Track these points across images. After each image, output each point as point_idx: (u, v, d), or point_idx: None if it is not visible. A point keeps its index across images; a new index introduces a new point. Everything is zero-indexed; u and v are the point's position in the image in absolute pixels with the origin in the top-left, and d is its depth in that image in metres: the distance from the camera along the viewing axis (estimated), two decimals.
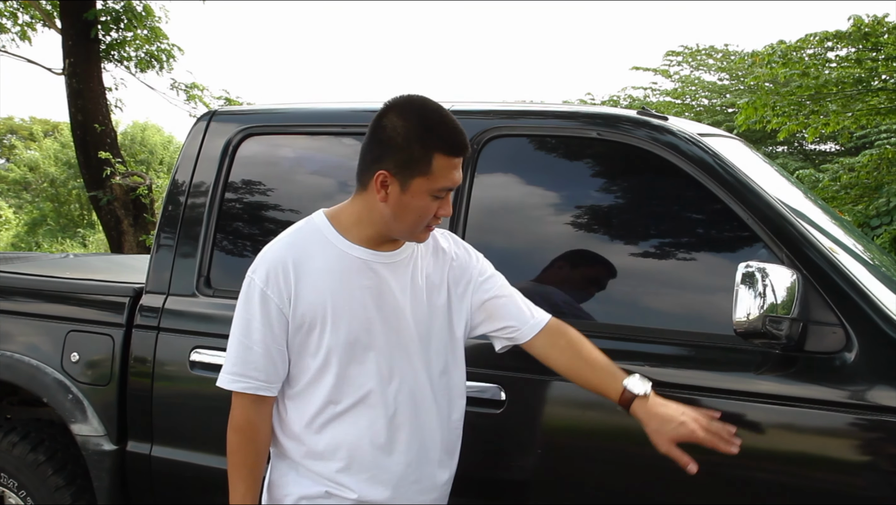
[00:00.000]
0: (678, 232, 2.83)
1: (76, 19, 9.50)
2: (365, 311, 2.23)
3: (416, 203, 2.19)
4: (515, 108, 3.22)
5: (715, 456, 2.53)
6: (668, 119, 2.89)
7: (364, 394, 2.24)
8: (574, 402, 2.71)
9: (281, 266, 2.18)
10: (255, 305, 2.19)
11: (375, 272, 2.26)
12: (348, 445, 2.24)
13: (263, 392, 2.21)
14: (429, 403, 2.34)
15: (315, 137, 3.35)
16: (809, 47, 12.25)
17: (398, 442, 2.28)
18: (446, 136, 2.18)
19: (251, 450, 2.23)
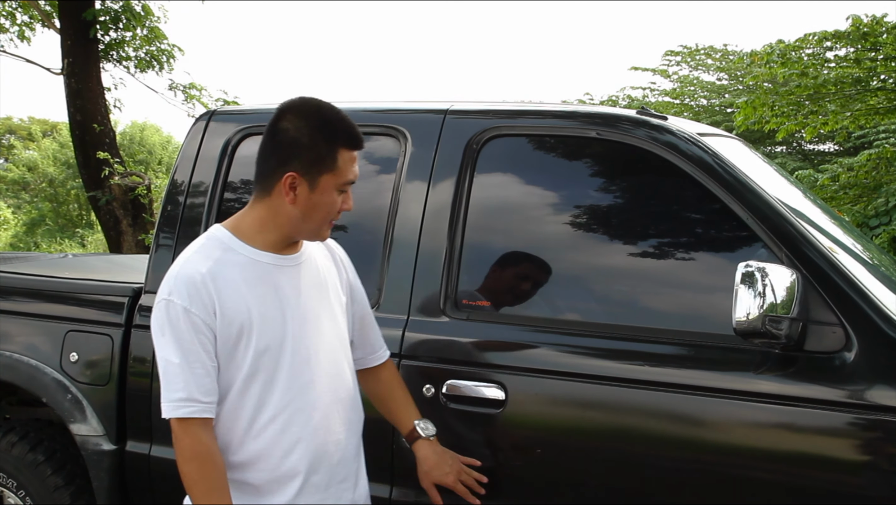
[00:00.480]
0: (677, 232, 2.83)
1: (75, 19, 9.49)
2: (283, 314, 2.25)
3: (325, 200, 2.23)
4: (514, 108, 3.22)
5: (715, 456, 2.54)
6: (667, 119, 2.89)
7: (291, 398, 2.24)
8: (574, 401, 2.71)
9: (200, 282, 2.15)
10: (183, 327, 2.14)
11: (285, 276, 2.29)
12: (278, 452, 2.23)
13: (209, 414, 2.16)
14: (343, 402, 2.37)
15: None
16: (808, 47, 12.25)
17: (319, 449, 2.29)
18: (347, 131, 2.24)
19: (215, 474, 2.16)
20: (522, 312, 2.90)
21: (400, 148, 3.09)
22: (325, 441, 2.30)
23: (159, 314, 2.18)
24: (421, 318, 2.90)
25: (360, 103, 3.37)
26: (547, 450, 2.72)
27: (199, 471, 2.14)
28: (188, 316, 2.14)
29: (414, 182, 3.02)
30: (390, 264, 2.98)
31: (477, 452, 2.80)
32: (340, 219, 3.16)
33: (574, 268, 2.90)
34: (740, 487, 2.52)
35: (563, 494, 2.71)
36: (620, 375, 2.66)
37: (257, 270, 2.24)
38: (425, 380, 2.83)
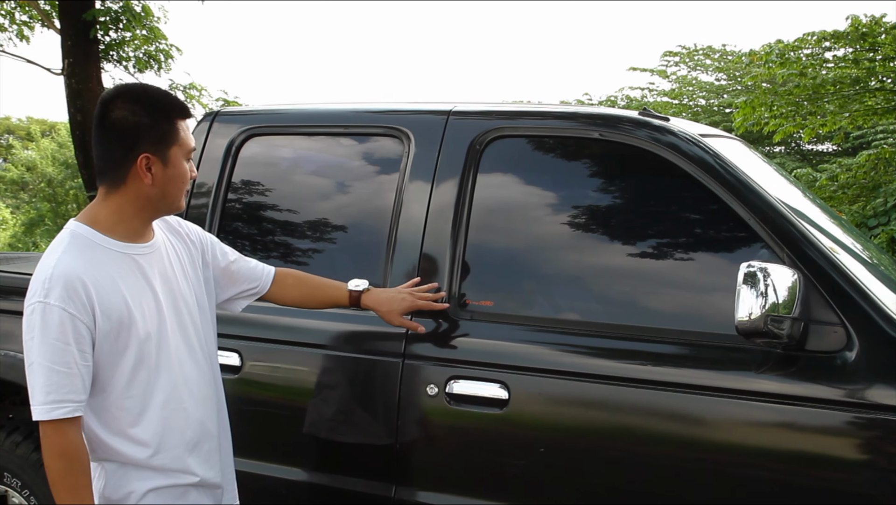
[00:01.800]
0: (679, 232, 2.85)
1: (75, 19, 9.48)
2: (156, 302, 2.32)
3: (179, 171, 2.31)
4: (517, 109, 3.24)
5: (717, 455, 2.56)
6: (669, 120, 2.91)
7: (175, 379, 2.34)
8: (576, 401, 2.73)
9: (78, 281, 2.16)
10: (57, 327, 2.14)
11: (149, 264, 2.35)
12: (177, 431, 2.34)
13: (79, 413, 2.18)
14: (208, 377, 2.47)
15: (317, 138, 3.37)
16: (807, 47, 12.27)
17: (206, 422, 2.42)
18: (176, 103, 2.33)
19: (80, 469, 2.18)
20: (525, 312, 2.91)
21: (403, 149, 3.10)
22: (203, 416, 2.42)
23: (32, 316, 2.17)
24: (424, 318, 2.91)
25: (363, 104, 3.39)
26: (550, 449, 2.73)
27: (67, 468, 2.17)
28: (65, 317, 2.14)
29: (417, 182, 3.04)
30: (394, 264, 3.00)
31: (480, 452, 2.82)
32: (344, 218, 3.21)
33: (577, 268, 2.91)
34: (743, 486, 2.54)
35: (567, 493, 2.72)
36: (623, 375, 2.67)
37: (126, 262, 2.29)
38: (429, 380, 2.85)
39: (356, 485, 2.97)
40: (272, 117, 3.46)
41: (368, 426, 2.98)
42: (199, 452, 2.39)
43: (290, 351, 3.11)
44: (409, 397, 2.88)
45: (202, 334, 2.47)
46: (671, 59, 23.36)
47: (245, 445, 3.17)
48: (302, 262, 3.29)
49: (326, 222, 3.30)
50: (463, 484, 2.84)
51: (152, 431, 2.29)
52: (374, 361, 2.97)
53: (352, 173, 3.31)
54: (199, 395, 2.40)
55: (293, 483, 3.07)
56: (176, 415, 2.33)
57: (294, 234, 3.36)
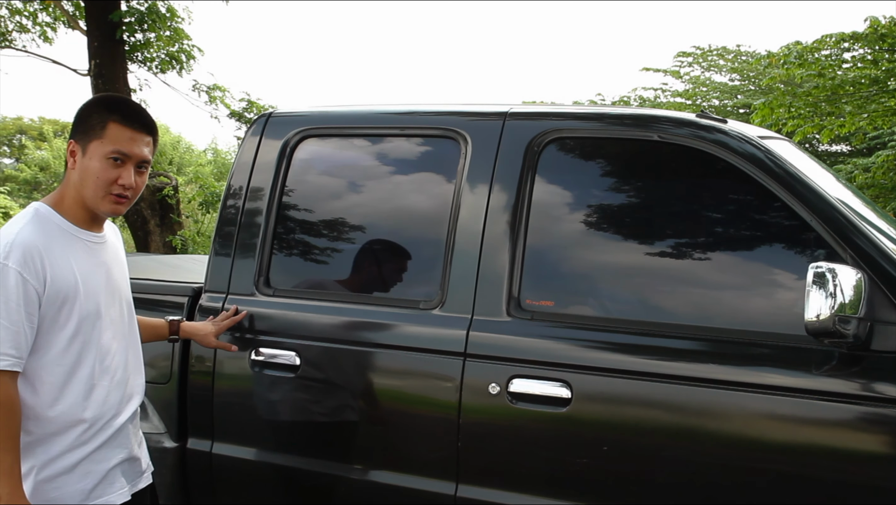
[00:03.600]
0: (740, 233, 2.87)
1: (101, 21, 9.53)
2: (100, 285, 2.52)
3: (94, 165, 2.44)
4: (575, 111, 3.26)
5: (783, 454, 2.58)
6: (727, 122, 2.93)
7: (102, 358, 2.52)
8: (640, 400, 2.75)
9: (35, 251, 2.36)
10: (12, 288, 2.33)
11: (100, 252, 2.56)
12: (94, 407, 2.49)
13: (19, 368, 2.36)
14: (133, 366, 2.66)
15: (372, 139, 3.39)
16: (825, 48, 12.29)
17: (122, 402, 2.59)
18: (122, 109, 2.49)
19: (13, 422, 2.34)
20: (586, 312, 2.94)
21: (460, 150, 3.13)
22: (123, 396, 2.60)
23: None
24: (485, 317, 2.95)
25: (419, 105, 3.42)
26: (613, 448, 2.76)
27: (3, 417, 2.32)
28: (19, 279, 2.33)
29: (475, 184, 3.07)
30: (453, 265, 3.03)
31: (543, 450, 2.85)
32: (400, 221, 3.24)
33: (636, 268, 2.93)
34: (808, 485, 2.56)
35: (630, 492, 2.75)
36: (686, 374, 2.70)
37: (79, 245, 2.49)
38: (490, 378, 2.88)
39: (417, 483, 3.00)
40: (327, 118, 3.49)
41: (430, 424, 3.01)
42: (106, 430, 2.54)
43: (348, 350, 3.15)
44: (470, 396, 2.91)
45: (130, 327, 2.67)
46: (684, 59, 23.41)
47: (305, 444, 3.23)
48: (357, 265, 3.32)
49: (382, 225, 3.34)
50: (525, 482, 2.87)
51: (70, 401, 2.46)
52: (436, 359, 3.00)
53: (408, 175, 3.34)
54: (117, 379, 2.57)
55: (354, 481, 3.11)
56: (94, 391, 2.51)
57: (348, 236, 3.39)
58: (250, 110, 11.06)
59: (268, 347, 3.23)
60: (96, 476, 2.51)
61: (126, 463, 2.62)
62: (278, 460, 3.25)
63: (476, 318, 2.95)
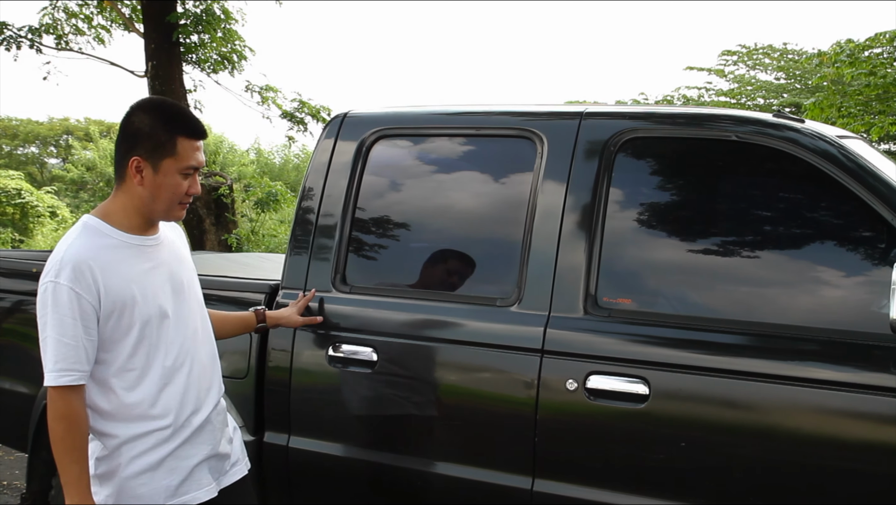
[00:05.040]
0: (820, 232, 2.88)
1: (158, 22, 9.69)
2: (159, 286, 2.58)
3: (168, 182, 2.53)
4: (651, 111, 3.29)
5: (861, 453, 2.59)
6: (804, 122, 2.95)
7: (173, 358, 2.59)
8: (718, 397, 2.78)
9: (85, 265, 2.44)
10: (65, 304, 2.42)
11: (154, 254, 2.61)
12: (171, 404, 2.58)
13: (83, 381, 2.46)
14: (206, 360, 2.72)
15: (448, 140, 3.44)
16: (878, 46, 12.16)
17: (200, 397, 2.66)
18: (185, 122, 2.56)
19: (78, 434, 2.44)
20: (663, 310, 2.96)
21: (536, 150, 3.18)
22: (200, 391, 2.66)
23: (45, 294, 2.45)
24: (562, 315, 2.99)
25: (494, 106, 3.47)
26: (691, 445, 2.79)
27: (66, 429, 2.43)
28: (72, 295, 2.42)
29: (552, 183, 3.11)
30: (530, 263, 3.07)
31: (620, 446, 2.88)
32: (476, 221, 3.29)
33: (715, 267, 2.95)
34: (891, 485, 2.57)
35: (707, 489, 2.77)
36: (763, 372, 2.71)
37: (132, 251, 2.56)
38: (568, 375, 2.92)
39: (494, 477, 3.05)
40: (402, 118, 3.55)
41: (507, 420, 3.05)
42: (187, 427, 2.62)
43: (425, 347, 3.20)
44: (547, 392, 2.95)
45: (200, 320, 2.73)
46: (729, 58, 23.23)
47: (381, 438, 3.28)
48: (432, 263, 3.38)
49: (458, 225, 3.38)
50: (601, 478, 2.91)
51: (147, 402, 2.55)
52: (513, 356, 3.04)
53: (483, 176, 3.38)
54: (193, 375, 2.64)
55: (429, 475, 3.16)
56: (169, 390, 2.58)
57: (425, 236, 3.45)
58: (301, 111, 11.20)
59: (345, 343, 3.30)
60: (181, 473, 2.59)
61: (213, 459, 2.70)
62: (353, 454, 3.31)
63: (553, 315, 2.99)
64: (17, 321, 4.25)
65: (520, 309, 3.05)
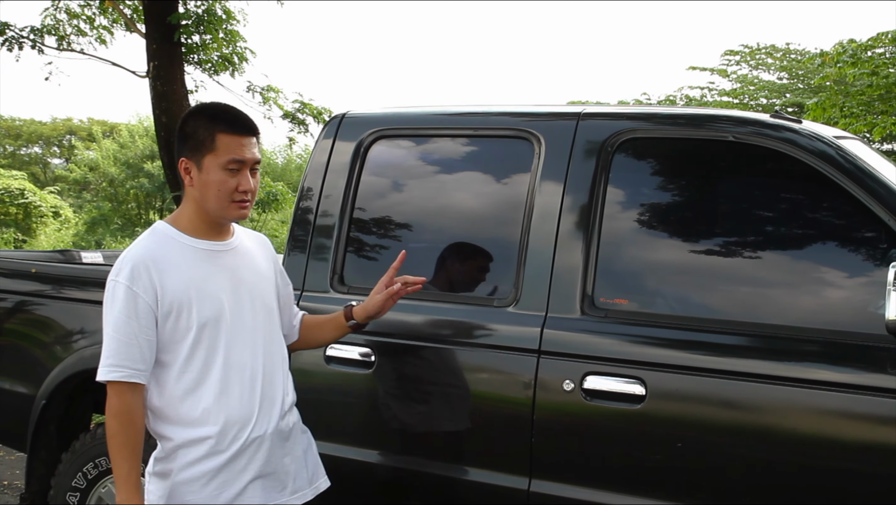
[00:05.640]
0: (816, 232, 2.88)
1: (160, 23, 9.70)
2: (221, 290, 2.60)
3: (211, 179, 2.55)
4: (648, 112, 3.29)
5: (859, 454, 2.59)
6: (801, 122, 2.95)
7: (231, 364, 2.59)
8: (715, 398, 2.78)
9: (143, 266, 2.50)
10: (122, 303, 2.47)
11: (221, 259, 2.64)
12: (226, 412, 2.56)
13: (137, 379, 2.48)
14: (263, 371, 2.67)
15: (446, 140, 3.45)
16: (880, 46, 12.15)
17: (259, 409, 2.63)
18: (226, 117, 2.59)
19: (132, 431, 2.47)
20: (660, 310, 2.97)
21: (534, 151, 3.18)
22: (260, 403, 2.63)
23: (106, 292, 2.53)
24: (559, 315, 2.99)
25: (492, 106, 3.47)
26: (688, 445, 2.79)
27: (119, 426, 2.47)
28: (129, 294, 2.48)
29: (549, 183, 3.11)
30: (527, 263, 3.07)
31: (617, 446, 2.88)
32: (473, 221, 3.29)
33: (712, 267, 2.96)
34: (888, 486, 2.56)
35: (703, 490, 2.78)
36: (760, 372, 2.71)
37: (195, 255, 2.59)
38: (565, 375, 2.92)
39: (491, 478, 3.05)
40: (400, 119, 3.55)
41: (503, 420, 3.06)
42: (240, 438, 2.58)
43: (423, 347, 3.20)
44: (544, 393, 2.95)
45: (265, 331, 2.70)
46: (732, 58, 23.23)
47: (378, 439, 3.28)
48: (431, 266, 3.38)
49: (456, 225, 3.38)
50: (598, 478, 2.91)
51: (202, 407, 2.55)
52: (510, 356, 3.05)
53: (481, 175, 3.39)
54: (250, 385, 2.62)
55: (427, 475, 3.16)
56: (225, 397, 2.58)
57: (423, 237, 3.45)
58: (303, 111, 11.21)
59: (343, 343, 3.29)
60: (233, 490, 2.57)
61: (269, 478, 2.65)
62: (351, 455, 3.30)
63: (550, 315, 3.00)
64: (18, 322, 4.26)
65: (517, 309, 3.06)
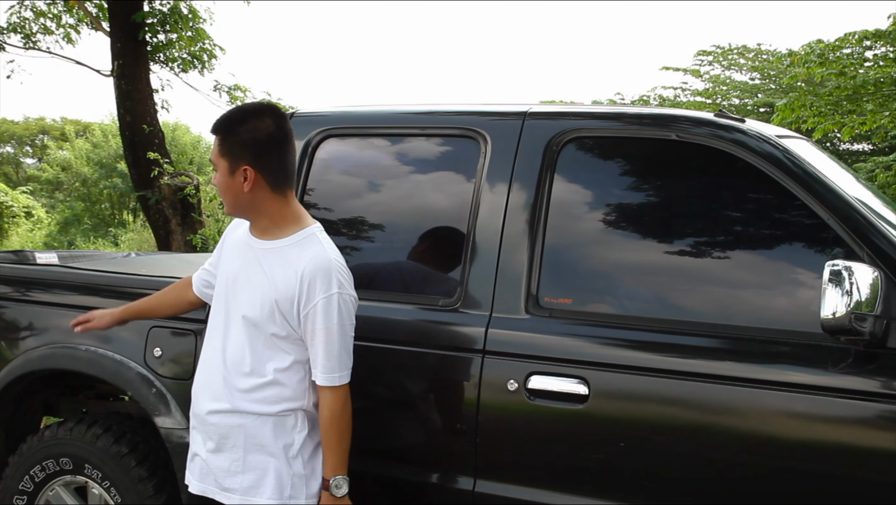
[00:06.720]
0: (757, 232, 2.89)
1: (124, 22, 9.63)
2: (231, 280, 2.88)
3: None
4: (593, 111, 3.29)
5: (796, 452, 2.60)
6: (745, 121, 2.95)
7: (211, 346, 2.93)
8: (656, 397, 2.78)
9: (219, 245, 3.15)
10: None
11: (255, 253, 2.84)
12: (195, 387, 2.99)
13: None
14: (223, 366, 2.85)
15: (393, 139, 3.43)
16: (847, 46, 12.24)
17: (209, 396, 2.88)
18: None
19: None
20: (604, 310, 2.96)
21: (480, 150, 3.16)
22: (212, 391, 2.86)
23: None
24: (503, 315, 2.98)
25: (439, 105, 3.46)
26: (630, 445, 2.79)
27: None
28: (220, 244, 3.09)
29: (494, 183, 3.10)
30: (472, 263, 3.06)
31: (560, 446, 2.88)
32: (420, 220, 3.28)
33: (654, 266, 2.95)
34: (824, 483, 2.58)
35: (646, 489, 2.77)
36: (703, 371, 2.72)
37: (243, 247, 2.89)
38: (509, 375, 2.91)
39: (435, 478, 3.04)
40: (348, 118, 3.52)
41: (447, 420, 3.04)
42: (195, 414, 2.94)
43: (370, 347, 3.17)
44: (489, 393, 2.94)
45: (237, 330, 2.82)
46: (704, 58, 23.34)
47: None
48: (378, 262, 3.36)
49: (403, 224, 3.37)
50: (542, 478, 2.90)
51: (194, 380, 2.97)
52: (454, 356, 3.03)
53: (428, 175, 3.37)
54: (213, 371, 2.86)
55: (373, 476, 3.14)
56: (200, 374, 2.92)
57: (370, 235, 3.43)
58: None
59: None
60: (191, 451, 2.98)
61: (203, 459, 2.90)
62: None
63: (495, 315, 2.98)
64: None
65: (462, 309, 3.04)
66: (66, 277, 3.83)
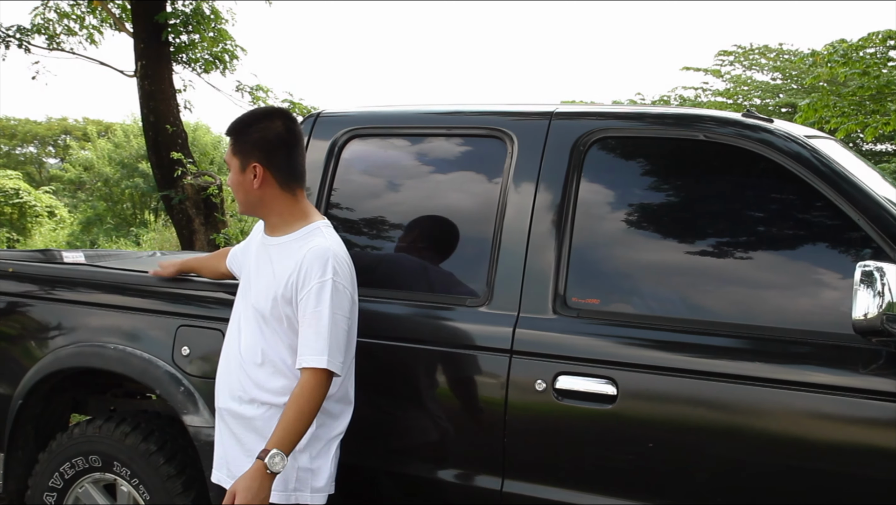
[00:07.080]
0: (787, 232, 2.88)
1: (148, 22, 9.68)
2: (246, 279, 3.04)
3: None
4: (621, 111, 3.29)
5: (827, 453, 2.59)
6: (773, 122, 2.94)
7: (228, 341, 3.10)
8: (685, 398, 2.77)
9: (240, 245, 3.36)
10: None
11: (265, 250, 2.97)
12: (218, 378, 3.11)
13: None
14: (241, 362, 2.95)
15: (419, 139, 3.43)
16: (871, 46, 12.14)
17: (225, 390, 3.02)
18: None
19: None
20: (631, 310, 2.96)
21: (506, 150, 3.17)
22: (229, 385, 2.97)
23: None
24: (531, 315, 2.98)
25: (465, 105, 3.46)
26: (659, 445, 2.78)
27: None
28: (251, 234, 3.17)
29: (521, 183, 3.10)
30: (499, 263, 3.06)
31: (588, 446, 2.88)
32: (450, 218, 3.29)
33: (681, 267, 2.95)
34: (853, 484, 2.57)
35: (674, 490, 2.77)
36: (731, 372, 2.71)
37: (258, 244, 3.03)
38: (536, 375, 2.91)
39: (463, 478, 3.05)
40: (374, 118, 3.53)
41: (476, 420, 3.05)
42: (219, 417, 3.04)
43: (394, 347, 3.19)
44: (516, 393, 2.94)
45: (249, 326, 2.94)
46: (725, 58, 23.22)
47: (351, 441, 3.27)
48: (404, 262, 3.37)
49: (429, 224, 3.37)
50: (569, 478, 2.90)
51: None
52: (482, 356, 3.04)
53: (454, 174, 3.38)
54: (228, 365, 2.99)
55: (399, 476, 3.15)
56: (220, 367, 3.05)
57: (396, 234, 3.44)
58: (293, 111, 11.19)
59: None
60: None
61: (222, 448, 3.04)
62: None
63: (522, 315, 2.99)
64: None
65: (489, 309, 3.05)
66: (95, 275, 3.86)
